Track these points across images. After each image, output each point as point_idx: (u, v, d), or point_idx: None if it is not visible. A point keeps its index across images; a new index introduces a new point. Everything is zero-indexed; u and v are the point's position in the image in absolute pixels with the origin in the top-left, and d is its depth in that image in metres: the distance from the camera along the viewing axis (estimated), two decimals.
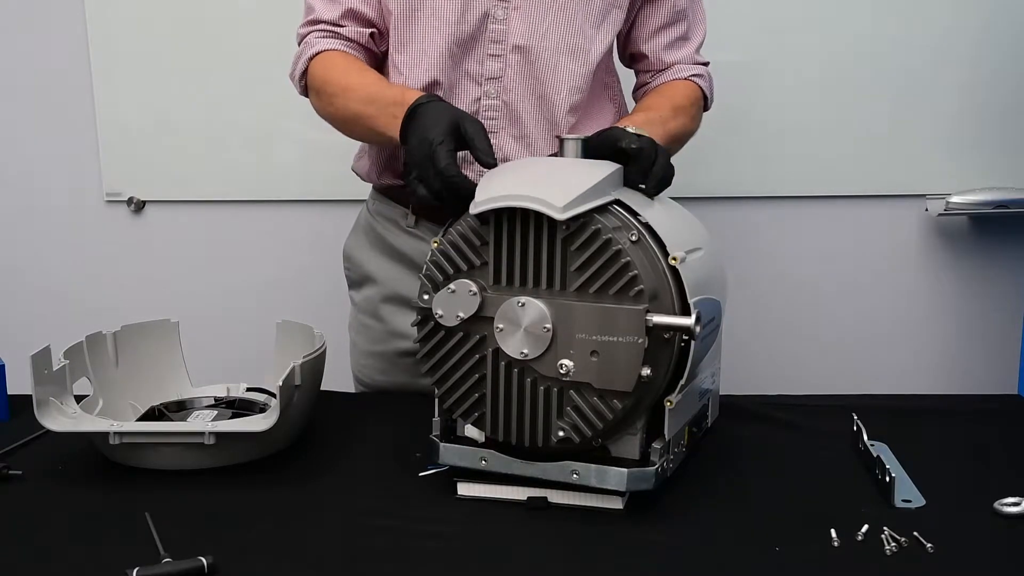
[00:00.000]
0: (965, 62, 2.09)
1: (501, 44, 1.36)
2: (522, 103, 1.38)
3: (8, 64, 2.18)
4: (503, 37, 1.36)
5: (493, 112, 1.38)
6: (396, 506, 1.06)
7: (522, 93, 1.38)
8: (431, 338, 1.05)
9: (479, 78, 1.37)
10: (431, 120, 1.15)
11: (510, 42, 1.36)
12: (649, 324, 0.97)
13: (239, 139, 2.16)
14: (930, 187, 2.14)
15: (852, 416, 1.22)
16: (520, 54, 1.37)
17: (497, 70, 1.37)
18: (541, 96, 1.38)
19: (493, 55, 1.37)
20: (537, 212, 0.99)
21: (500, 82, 1.38)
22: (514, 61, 1.37)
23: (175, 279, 2.24)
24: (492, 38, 1.36)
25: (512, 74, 1.37)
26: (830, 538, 0.97)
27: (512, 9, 1.35)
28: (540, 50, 1.37)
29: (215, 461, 1.15)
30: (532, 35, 1.36)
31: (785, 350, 2.20)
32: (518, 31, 1.36)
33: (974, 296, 2.20)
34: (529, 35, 1.36)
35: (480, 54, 1.37)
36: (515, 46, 1.36)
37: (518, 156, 1.39)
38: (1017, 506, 1.03)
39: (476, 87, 1.38)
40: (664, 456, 1.04)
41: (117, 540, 0.99)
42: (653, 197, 1.10)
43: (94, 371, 1.27)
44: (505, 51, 1.36)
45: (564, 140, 1.09)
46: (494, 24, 1.36)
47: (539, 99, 1.38)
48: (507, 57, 1.37)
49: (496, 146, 1.38)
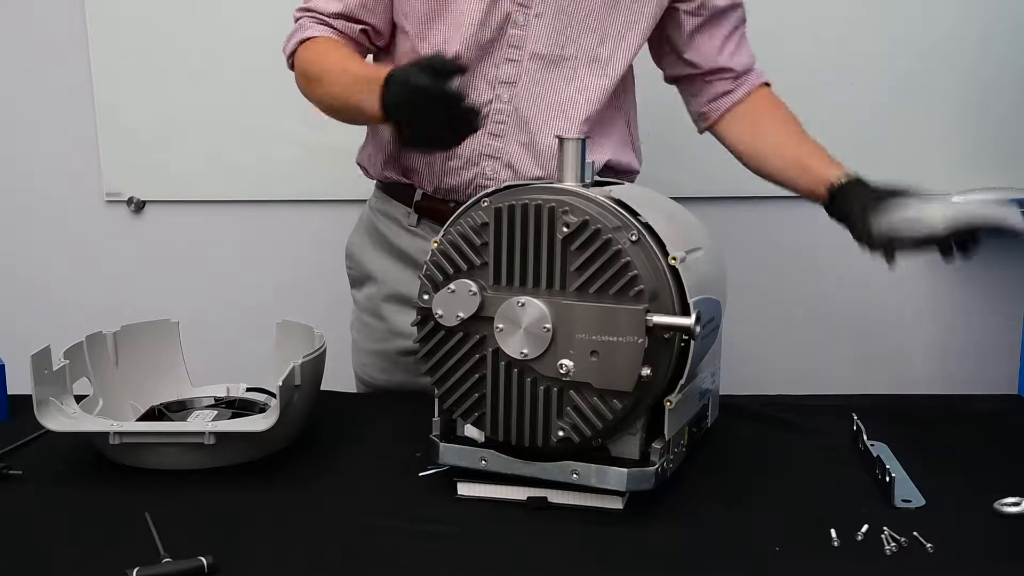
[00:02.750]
0: (965, 62, 2.09)
1: (519, 50, 1.36)
2: (534, 110, 1.38)
3: (8, 64, 2.18)
4: (522, 43, 1.35)
5: (503, 117, 1.38)
6: (396, 506, 1.06)
7: (535, 101, 1.37)
8: (431, 338, 1.05)
9: (493, 82, 1.37)
10: (407, 75, 1.15)
11: (528, 49, 1.36)
12: (649, 324, 0.97)
13: (239, 139, 2.16)
14: (930, 187, 2.14)
15: (852, 416, 1.23)
16: (538, 62, 1.36)
17: (512, 75, 1.37)
18: (555, 105, 1.38)
19: (511, 60, 1.36)
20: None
21: (514, 87, 1.37)
22: (531, 68, 1.36)
23: (175, 279, 2.24)
24: (511, 43, 1.36)
25: (527, 81, 1.37)
26: (830, 538, 0.97)
27: (534, 16, 1.34)
28: (559, 60, 1.36)
29: (215, 461, 1.15)
30: (552, 44, 1.36)
31: (785, 350, 2.20)
32: (538, 39, 1.35)
33: (974, 296, 2.20)
34: (549, 44, 1.36)
35: (497, 58, 1.36)
36: (533, 53, 1.36)
37: (522, 164, 1.39)
38: (1017, 506, 1.03)
39: (489, 90, 1.37)
40: (664, 456, 1.04)
41: (117, 540, 0.99)
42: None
43: (94, 371, 1.27)
44: (523, 57, 1.36)
45: (564, 140, 1.09)
46: (514, 29, 1.35)
47: (553, 108, 1.38)
48: (524, 64, 1.36)
49: (501, 150, 1.38)
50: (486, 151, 1.38)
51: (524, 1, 1.34)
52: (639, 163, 1.51)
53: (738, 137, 1.47)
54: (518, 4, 1.34)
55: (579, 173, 1.07)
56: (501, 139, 1.38)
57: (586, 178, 1.07)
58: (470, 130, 1.16)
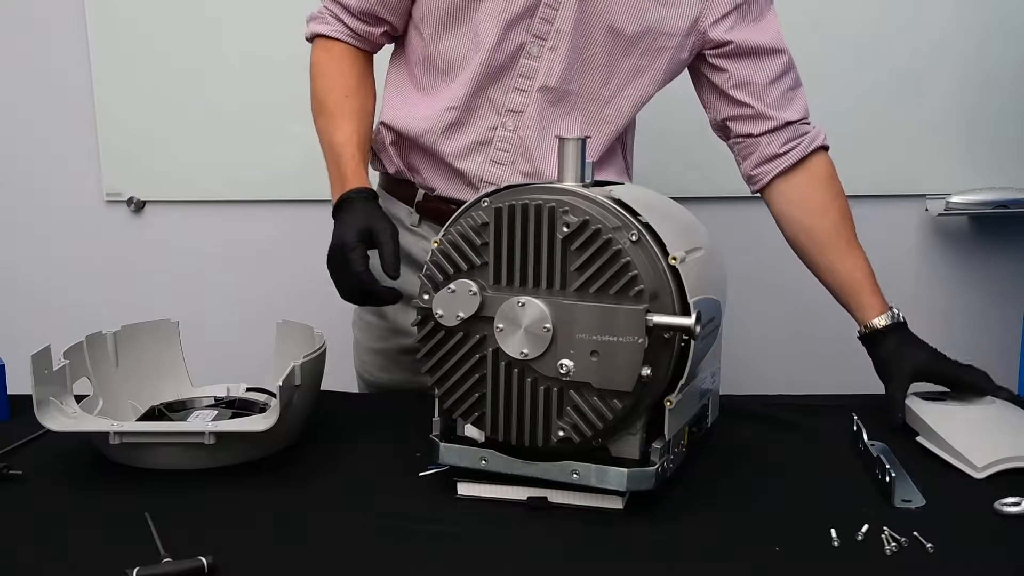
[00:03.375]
0: (965, 62, 2.09)
1: (530, 80, 1.36)
2: (538, 142, 1.38)
3: (8, 64, 2.18)
4: (533, 74, 1.35)
5: (506, 144, 1.38)
6: (396, 506, 1.06)
7: (540, 132, 1.37)
8: (431, 338, 1.05)
9: (500, 108, 1.37)
10: (347, 223, 1.27)
11: (539, 81, 1.35)
12: (649, 324, 0.97)
13: (239, 139, 2.16)
14: (930, 187, 2.14)
15: (852, 416, 1.22)
16: (546, 94, 1.36)
17: (520, 104, 1.37)
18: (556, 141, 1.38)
19: (519, 89, 1.36)
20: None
21: (520, 117, 1.37)
22: (539, 100, 1.36)
23: (175, 279, 2.24)
24: (522, 72, 1.35)
25: (534, 112, 1.37)
26: (830, 538, 0.97)
27: (548, 49, 1.34)
28: (564, 95, 1.37)
29: (215, 461, 1.15)
30: (563, 80, 1.35)
31: (785, 350, 2.20)
32: (549, 72, 1.35)
33: (974, 296, 2.20)
34: (560, 79, 1.35)
35: (507, 85, 1.36)
36: (543, 86, 1.36)
37: None
38: (1017, 506, 1.03)
39: (495, 116, 1.37)
40: (664, 456, 1.04)
41: (117, 540, 0.99)
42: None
43: (94, 371, 1.27)
44: (532, 88, 1.36)
45: (564, 140, 1.09)
46: (527, 60, 1.35)
47: (554, 144, 1.37)
48: (533, 94, 1.36)
49: (503, 179, 1.38)
50: (488, 178, 1.39)
51: (540, 33, 1.33)
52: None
53: (787, 215, 1.43)
54: (534, 36, 1.34)
55: (579, 173, 1.07)
56: (503, 167, 1.39)
57: (586, 178, 1.07)
58: (381, 303, 1.27)
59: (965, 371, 1.31)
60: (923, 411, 1.25)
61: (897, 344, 1.33)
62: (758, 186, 1.45)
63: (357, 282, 1.23)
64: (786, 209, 1.43)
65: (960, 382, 1.31)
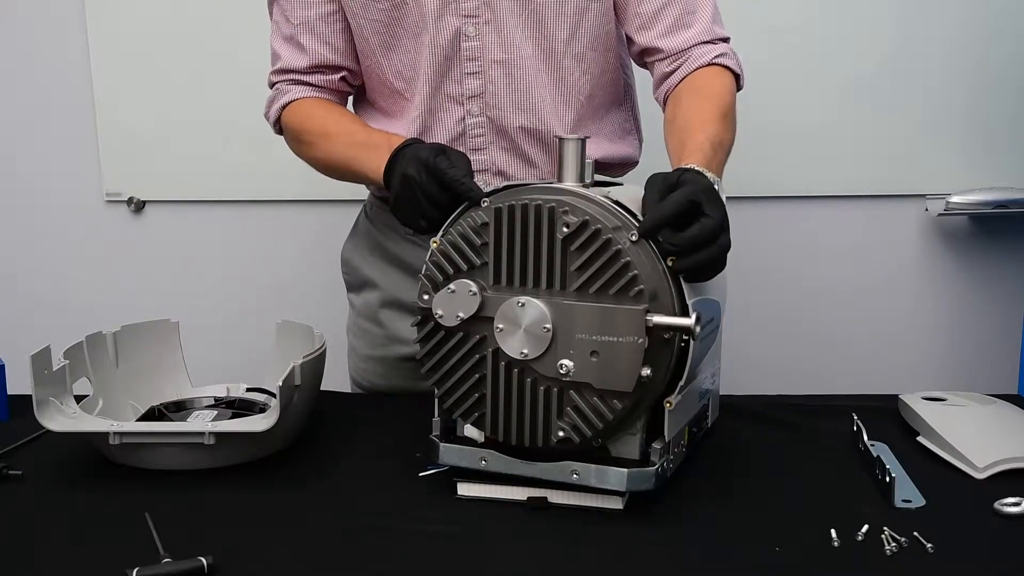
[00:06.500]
0: (965, 62, 2.09)
1: (478, 61, 1.35)
2: (509, 117, 1.37)
3: (8, 64, 2.18)
4: (479, 54, 1.35)
5: (479, 129, 1.38)
6: (396, 506, 1.06)
7: (508, 106, 1.37)
8: (431, 338, 1.05)
9: (460, 98, 1.37)
10: (416, 148, 1.15)
11: (488, 57, 1.35)
12: (649, 324, 0.97)
13: (239, 139, 2.16)
14: (930, 187, 2.14)
15: (852, 416, 1.22)
16: (501, 68, 1.35)
17: (477, 87, 1.36)
18: (528, 108, 1.37)
19: (471, 73, 1.35)
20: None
21: (482, 99, 1.36)
22: (495, 76, 1.35)
23: (175, 279, 2.24)
24: (468, 56, 1.35)
25: (494, 89, 1.36)
26: (830, 538, 0.97)
27: (483, 24, 1.33)
28: (518, 61, 1.35)
29: (215, 461, 1.15)
30: (508, 47, 1.34)
31: (785, 350, 2.20)
32: (494, 45, 1.34)
33: (974, 296, 2.20)
34: (506, 48, 1.34)
35: (457, 74, 1.36)
36: (494, 61, 1.35)
37: (511, 168, 1.39)
38: (1017, 506, 1.03)
39: (458, 107, 1.37)
40: (664, 456, 1.04)
41: (117, 540, 0.99)
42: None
43: (94, 371, 1.27)
44: (484, 67, 1.35)
45: (564, 140, 1.09)
46: (467, 42, 1.34)
47: (527, 111, 1.37)
48: (487, 73, 1.35)
49: (488, 161, 1.38)
50: (473, 166, 1.38)
51: (469, 12, 1.33)
52: (639, 150, 1.50)
53: (666, 128, 1.34)
54: (464, 16, 1.33)
55: (579, 173, 1.07)
56: (484, 152, 1.39)
57: (586, 178, 1.07)
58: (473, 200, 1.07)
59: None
60: (923, 411, 1.25)
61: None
62: (664, 109, 1.39)
63: (449, 180, 1.08)
64: (666, 124, 1.35)
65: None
